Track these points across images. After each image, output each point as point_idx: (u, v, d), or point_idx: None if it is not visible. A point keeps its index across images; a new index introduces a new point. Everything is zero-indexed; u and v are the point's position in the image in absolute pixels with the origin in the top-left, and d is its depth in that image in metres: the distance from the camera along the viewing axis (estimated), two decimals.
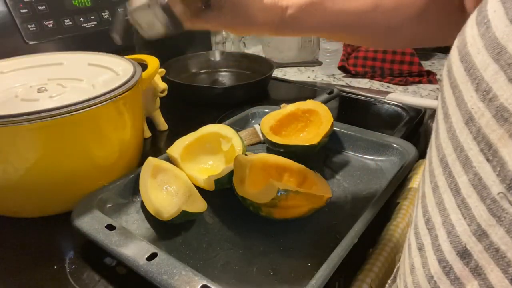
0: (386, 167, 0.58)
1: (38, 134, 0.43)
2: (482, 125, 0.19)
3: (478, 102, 0.20)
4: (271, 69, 0.88)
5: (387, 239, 0.44)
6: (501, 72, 0.19)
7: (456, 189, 0.21)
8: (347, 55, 1.05)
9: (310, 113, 0.63)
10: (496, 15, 0.19)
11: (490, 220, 0.19)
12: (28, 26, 0.68)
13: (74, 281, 0.40)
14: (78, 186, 0.48)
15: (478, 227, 0.19)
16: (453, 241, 0.21)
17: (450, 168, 0.21)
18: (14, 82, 0.54)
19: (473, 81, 0.20)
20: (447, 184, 0.22)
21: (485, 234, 0.19)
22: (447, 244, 0.21)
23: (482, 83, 0.19)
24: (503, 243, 0.18)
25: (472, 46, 0.21)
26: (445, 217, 0.21)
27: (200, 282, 0.35)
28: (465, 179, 0.20)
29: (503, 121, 0.18)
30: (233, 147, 0.55)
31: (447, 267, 0.21)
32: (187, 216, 0.45)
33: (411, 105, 0.78)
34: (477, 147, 0.20)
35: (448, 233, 0.21)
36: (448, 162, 0.22)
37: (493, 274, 0.19)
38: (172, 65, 0.89)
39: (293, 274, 0.40)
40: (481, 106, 0.19)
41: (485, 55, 0.19)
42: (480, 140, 0.19)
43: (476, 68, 0.20)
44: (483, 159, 0.19)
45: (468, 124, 0.20)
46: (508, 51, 0.18)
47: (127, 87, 0.49)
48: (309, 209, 0.45)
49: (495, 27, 0.19)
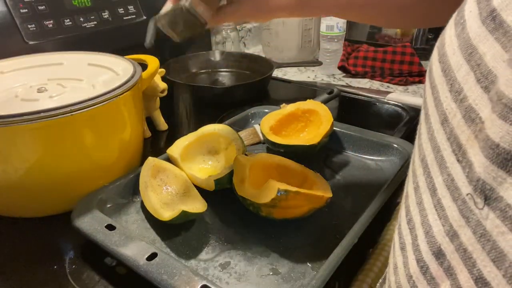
0: (386, 167, 0.58)
1: (38, 134, 0.43)
2: (454, 125, 0.19)
3: (452, 102, 0.20)
4: (271, 69, 0.88)
5: (387, 239, 0.44)
6: (471, 73, 0.18)
7: (434, 189, 0.21)
8: (347, 55, 1.05)
9: (310, 113, 0.63)
10: (471, 15, 0.19)
11: (460, 221, 0.19)
12: (28, 26, 0.68)
13: (74, 281, 0.40)
14: (78, 186, 0.48)
15: (450, 227, 0.19)
16: (430, 241, 0.21)
17: (429, 169, 0.22)
18: (14, 82, 0.54)
19: (448, 81, 0.20)
20: (426, 184, 0.22)
21: (456, 234, 0.19)
22: (425, 244, 0.21)
23: (455, 83, 0.19)
24: (470, 244, 0.18)
25: (449, 47, 0.21)
26: (424, 217, 0.22)
27: (200, 282, 0.35)
28: (440, 179, 0.20)
29: (470, 122, 0.18)
30: (233, 147, 0.55)
31: (424, 266, 0.21)
32: (187, 216, 0.45)
33: (411, 105, 0.78)
34: (450, 148, 0.20)
35: (425, 233, 0.21)
36: (428, 162, 0.22)
37: (462, 274, 0.19)
38: (172, 65, 0.89)
39: (293, 274, 0.40)
40: (454, 107, 0.19)
41: (459, 55, 0.19)
42: (453, 140, 0.19)
43: (451, 69, 0.20)
44: (454, 159, 0.19)
45: (443, 124, 0.20)
46: (479, 52, 0.18)
47: (127, 87, 0.49)
48: (309, 209, 0.45)
49: (469, 28, 0.19)
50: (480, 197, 0.17)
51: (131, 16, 0.83)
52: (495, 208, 0.17)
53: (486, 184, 0.17)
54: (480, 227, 0.17)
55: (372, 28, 1.17)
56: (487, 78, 0.18)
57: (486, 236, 0.17)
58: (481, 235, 0.17)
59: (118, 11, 0.81)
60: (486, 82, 0.18)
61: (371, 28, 1.17)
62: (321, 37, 1.02)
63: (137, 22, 0.84)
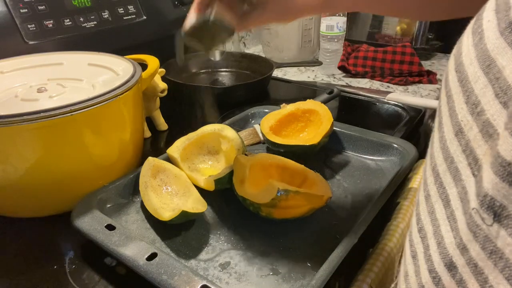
0: (386, 167, 0.58)
1: (38, 134, 0.43)
2: (471, 138, 0.19)
3: (468, 115, 0.19)
4: (271, 69, 0.88)
5: (387, 239, 0.44)
6: (489, 86, 0.18)
7: (447, 200, 0.21)
8: (347, 55, 1.05)
9: (310, 113, 0.63)
10: (490, 25, 0.19)
11: (468, 235, 0.18)
12: (28, 26, 0.68)
13: (74, 281, 0.40)
14: (78, 186, 0.48)
15: (461, 240, 0.19)
16: (442, 252, 0.20)
17: (441, 179, 0.21)
18: (14, 82, 0.54)
19: (464, 92, 0.20)
20: (438, 194, 0.21)
21: (466, 248, 0.19)
22: (437, 254, 0.21)
23: (472, 95, 0.19)
24: (480, 259, 0.18)
25: (466, 56, 0.20)
26: (436, 227, 0.21)
27: (200, 282, 0.35)
28: (454, 191, 0.20)
29: (488, 137, 0.18)
30: (233, 147, 0.55)
31: (436, 277, 0.21)
32: (187, 216, 0.45)
33: (411, 105, 0.78)
34: (465, 161, 0.19)
35: (438, 243, 0.21)
36: (439, 172, 0.21)
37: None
38: (172, 65, 0.89)
39: (293, 274, 0.40)
40: (470, 119, 0.19)
41: (477, 66, 0.19)
42: (469, 154, 0.19)
43: (468, 80, 0.19)
44: (470, 173, 0.19)
45: (458, 136, 0.20)
46: (497, 65, 0.18)
47: (127, 87, 0.49)
48: (309, 209, 0.45)
49: (487, 38, 0.19)
50: (488, 213, 0.17)
51: (131, 16, 0.83)
52: (507, 226, 0.16)
53: (495, 201, 0.17)
54: (490, 244, 0.17)
55: (372, 28, 1.17)
56: (506, 94, 0.17)
57: (498, 253, 0.17)
58: (492, 252, 0.17)
59: (118, 11, 0.81)
60: (505, 98, 0.17)
61: (371, 28, 1.17)
62: (321, 37, 1.02)
63: (137, 22, 0.84)
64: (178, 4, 0.93)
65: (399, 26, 1.13)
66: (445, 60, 1.16)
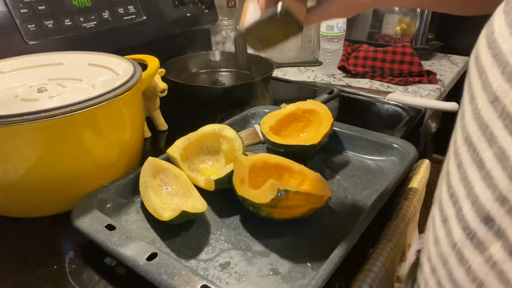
0: (386, 167, 0.58)
1: (38, 134, 0.43)
2: (507, 103, 0.22)
3: (504, 83, 0.22)
4: (271, 69, 0.88)
5: (387, 239, 0.44)
6: None
7: (481, 163, 0.23)
8: (347, 55, 1.05)
9: (310, 113, 0.63)
10: None
11: (510, 186, 0.21)
12: (28, 26, 0.68)
13: (74, 281, 0.40)
14: (78, 186, 0.48)
15: (500, 194, 0.22)
16: (477, 209, 0.23)
17: (475, 145, 0.24)
18: (14, 82, 0.54)
19: (499, 65, 0.22)
20: (471, 160, 0.24)
21: (506, 199, 0.22)
22: (472, 213, 0.24)
23: (507, 66, 0.22)
24: None
25: (499, 34, 0.23)
26: (469, 189, 0.24)
27: (200, 282, 0.35)
28: (489, 153, 0.23)
29: None
30: (233, 147, 0.55)
31: (471, 233, 0.24)
32: (187, 216, 0.45)
33: (411, 105, 0.78)
34: (501, 124, 0.22)
35: (472, 203, 0.24)
36: (473, 140, 0.24)
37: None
38: (172, 65, 0.89)
39: (293, 274, 0.40)
40: (506, 87, 0.22)
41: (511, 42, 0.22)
42: (505, 117, 0.22)
43: (502, 54, 0.22)
44: (507, 133, 0.22)
45: (494, 103, 0.23)
46: None
47: (127, 87, 0.49)
48: (309, 209, 0.45)
49: None
50: None
51: (131, 16, 0.83)
52: None
53: None
54: None
55: (372, 28, 1.17)
56: None
57: None
58: None
59: (118, 11, 0.81)
60: None
61: (371, 28, 1.17)
62: (321, 37, 1.02)
63: (137, 22, 0.84)
64: (178, 4, 0.93)
65: (399, 26, 1.13)
66: (445, 60, 1.16)
